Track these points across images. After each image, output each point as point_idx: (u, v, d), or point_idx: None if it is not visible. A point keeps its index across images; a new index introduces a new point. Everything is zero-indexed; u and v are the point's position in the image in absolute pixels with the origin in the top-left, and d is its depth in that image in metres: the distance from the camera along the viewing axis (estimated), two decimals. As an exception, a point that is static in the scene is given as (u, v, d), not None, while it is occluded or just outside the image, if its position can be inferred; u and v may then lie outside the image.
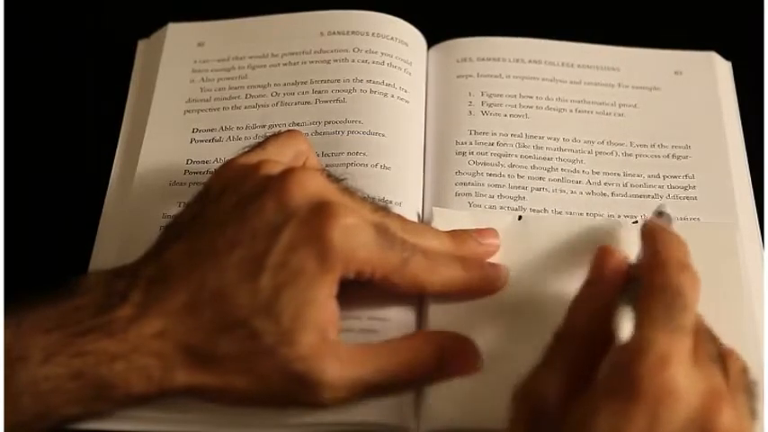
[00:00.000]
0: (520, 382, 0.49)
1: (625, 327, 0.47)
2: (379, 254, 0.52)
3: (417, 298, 0.56)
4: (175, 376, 0.50)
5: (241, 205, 0.52)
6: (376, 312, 0.56)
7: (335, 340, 0.51)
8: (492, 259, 0.58)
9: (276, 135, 0.59)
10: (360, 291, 0.54)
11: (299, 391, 0.51)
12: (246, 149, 0.57)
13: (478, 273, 0.56)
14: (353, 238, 0.51)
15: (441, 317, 0.56)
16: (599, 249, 0.52)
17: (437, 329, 0.55)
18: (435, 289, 0.55)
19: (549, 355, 0.49)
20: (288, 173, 0.53)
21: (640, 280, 0.50)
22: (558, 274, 0.57)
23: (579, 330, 0.49)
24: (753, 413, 0.48)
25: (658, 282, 0.48)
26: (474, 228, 0.58)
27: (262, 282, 0.50)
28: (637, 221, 0.59)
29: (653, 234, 0.52)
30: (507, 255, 0.58)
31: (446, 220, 0.60)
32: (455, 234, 0.57)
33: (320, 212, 0.51)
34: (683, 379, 0.45)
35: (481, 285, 0.56)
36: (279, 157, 0.56)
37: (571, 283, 0.53)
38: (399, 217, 0.55)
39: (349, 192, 0.54)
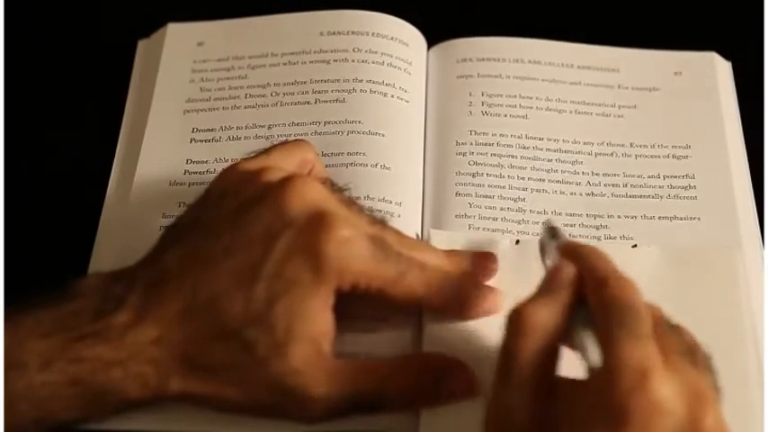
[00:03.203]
0: (486, 410, 0.48)
1: (589, 349, 0.47)
2: (375, 266, 0.52)
3: (417, 312, 0.56)
4: (170, 383, 0.50)
5: (239, 212, 0.52)
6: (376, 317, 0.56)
7: (328, 354, 0.51)
8: (488, 283, 0.57)
9: (283, 142, 0.59)
10: (357, 303, 0.53)
11: (288, 404, 0.51)
12: (251, 154, 0.57)
13: (475, 292, 0.55)
14: (348, 251, 0.51)
15: (437, 340, 0.55)
16: (551, 268, 0.51)
17: (433, 351, 0.55)
18: (431, 303, 0.54)
19: (505, 373, 0.48)
20: (286, 181, 0.52)
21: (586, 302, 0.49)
22: None
23: (533, 343, 0.48)
24: (717, 390, 0.47)
25: (606, 299, 0.47)
26: (471, 250, 0.58)
27: (256, 292, 0.50)
28: (636, 245, 0.59)
29: (575, 252, 0.51)
30: (504, 279, 0.57)
31: (443, 241, 0.59)
32: (453, 253, 0.57)
33: (316, 223, 0.51)
34: (664, 389, 0.44)
35: (477, 305, 0.55)
36: (283, 165, 0.55)
37: None
38: (397, 231, 0.55)
39: (348, 203, 0.54)
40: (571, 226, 0.62)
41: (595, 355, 0.46)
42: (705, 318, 0.50)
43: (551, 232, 0.54)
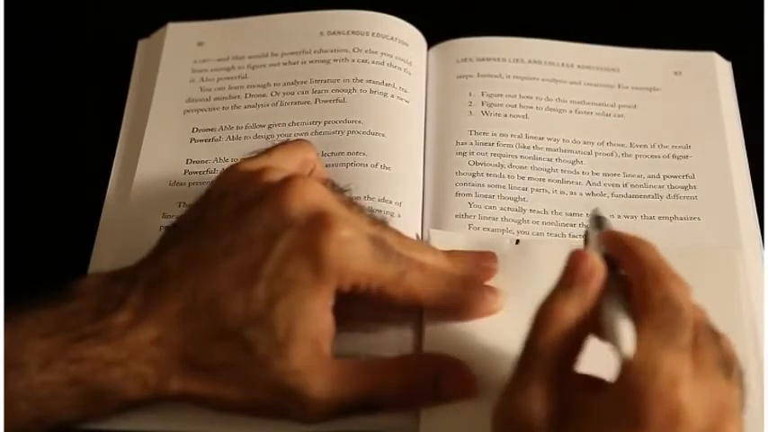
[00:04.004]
0: (499, 402, 0.47)
1: (621, 339, 0.46)
2: (375, 266, 0.52)
3: (417, 312, 0.56)
4: (170, 383, 0.50)
5: (240, 212, 0.52)
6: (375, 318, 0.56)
7: (328, 355, 0.51)
8: (488, 283, 0.57)
9: (284, 143, 0.59)
10: (357, 303, 0.53)
11: (288, 404, 0.51)
12: (252, 154, 0.57)
13: (475, 292, 0.55)
14: (349, 251, 0.51)
15: (437, 340, 0.55)
16: (572, 253, 0.49)
17: (433, 351, 0.55)
18: (431, 303, 0.54)
19: (525, 368, 0.47)
20: (287, 181, 0.52)
21: (615, 277, 0.49)
22: None
23: (556, 339, 0.47)
24: (743, 407, 0.48)
25: (657, 296, 0.47)
26: (471, 250, 0.58)
27: (256, 291, 0.50)
28: None
29: (618, 242, 0.50)
30: (504, 279, 0.57)
31: (443, 241, 0.59)
32: (453, 253, 0.56)
33: (316, 224, 0.51)
34: (690, 400, 0.44)
35: (477, 305, 0.55)
36: (284, 165, 0.55)
37: None
38: (397, 231, 0.55)
39: (348, 203, 0.54)
40: (571, 226, 0.62)
41: (627, 345, 0.46)
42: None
43: (597, 222, 0.53)
